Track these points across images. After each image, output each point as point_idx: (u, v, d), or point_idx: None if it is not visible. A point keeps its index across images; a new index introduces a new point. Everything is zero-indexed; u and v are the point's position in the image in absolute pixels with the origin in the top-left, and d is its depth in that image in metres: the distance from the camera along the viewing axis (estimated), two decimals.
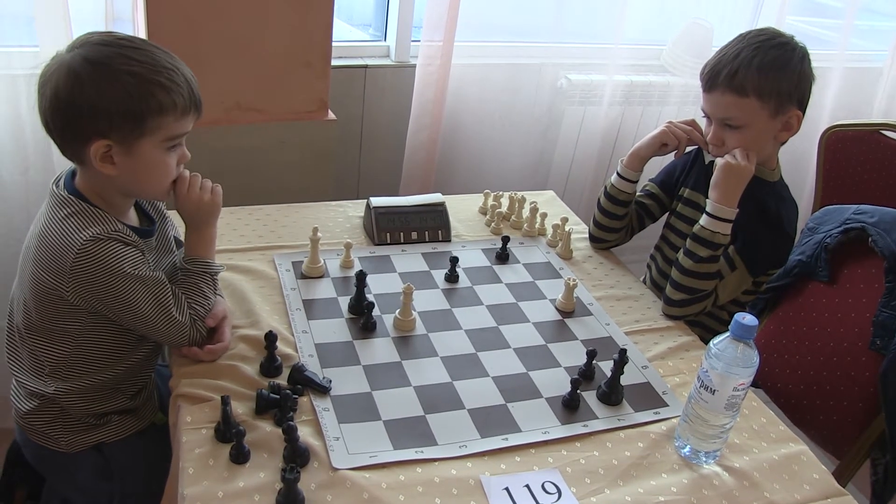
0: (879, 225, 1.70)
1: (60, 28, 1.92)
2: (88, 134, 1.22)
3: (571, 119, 2.77)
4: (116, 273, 1.26)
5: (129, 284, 1.27)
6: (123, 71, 1.21)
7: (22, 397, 1.41)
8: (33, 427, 1.40)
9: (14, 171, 2.10)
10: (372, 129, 2.61)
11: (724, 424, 1.27)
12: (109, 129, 1.22)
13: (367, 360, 1.44)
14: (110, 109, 1.21)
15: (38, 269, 1.29)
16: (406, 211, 1.83)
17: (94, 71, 1.20)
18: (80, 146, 1.24)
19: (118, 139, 1.23)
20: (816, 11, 3.19)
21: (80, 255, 1.23)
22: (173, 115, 1.25)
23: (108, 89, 1.20)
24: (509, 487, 1.21)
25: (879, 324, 1.63)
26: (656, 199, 1.90)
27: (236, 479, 1.16)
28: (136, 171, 1.28)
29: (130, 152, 1.25)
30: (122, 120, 1.22)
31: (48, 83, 1.22)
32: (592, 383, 1.45)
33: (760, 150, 1.66)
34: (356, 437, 1.26)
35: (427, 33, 2.43)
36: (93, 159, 1.24)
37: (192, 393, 1.30)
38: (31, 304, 1.33)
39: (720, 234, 1.60)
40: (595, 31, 2.79)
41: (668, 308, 1.68)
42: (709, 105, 1.67)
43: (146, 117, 1.23)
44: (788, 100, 1.62)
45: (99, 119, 1.21)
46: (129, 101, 1.21)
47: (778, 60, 1.60)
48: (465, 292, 1.68)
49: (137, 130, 1.23)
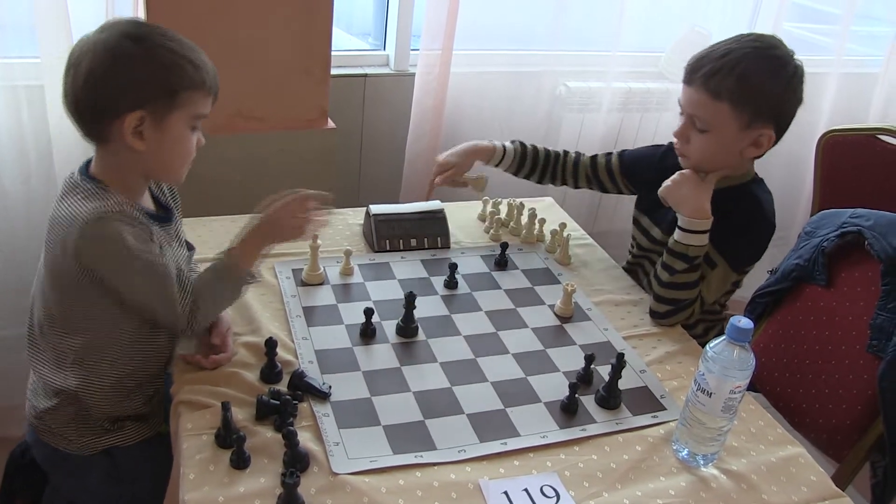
0: (876, 228, 1.70)
1: (61, 39, 1.94)
2: (122, 108, 1.26)
3: (570, 126, 2.79)
4: (119, 249, 1.26)
5: (132, 263, 1.28)
6: (158, 45, 1.28)
7: (41, 395, 1.42)
8: (48, 427, 1.41)
9: (16, 179, 2.11)
10: (372, 137, 2.62)
11: (722, 427, 1.28)
12: (144, 100, 1.27)
13: (367, 366, 1.45)
14: (147, 81, 1.27)
15: (50, 254, 1.32)
16: (405, 218, 1.84)
17: (133, 45, 1.26)
18: (110, 122, 1.28)
19: (151, 111, 1.28)
20: (813, 17, 3.20)
21: (85, 230, 1.25)
22: (202, 92, 1.32)
23: (147, 62, 1.27)
24: (508, 491, 1.22)
25: (877, 327, 1.63)
26: (612, 177, 1.92)
27: (237, 484, 1.17)
28: (163, 146, 1.32)
29: (161, 126, 1.30)
30: (158, 92, 1.28)
31: (81, 62, 1.26)
32: (591, 388, 1.46)
33: (722, 161, 1.63)
34: (356, 442, 1.27)
35: (426, 42, 2.45)
36: (125, 133, 1.27)
37: (193, 399, 1.31)
38: (49, 296, 1.35)
39: (694, 247, 1.59)
40: (593, 38, 2.81)
41: (656, 321, 1.68)
42: (684, 97, 1.63)
43: (179, 90, 1.29)
44: (763, 116, 1.57)
45: (136, 91, 1.27)
46: (165, 73, 1.27)
47: (764, 73, 1.55)
48: (464, 298, 1.69)
49: (170, 103, 1.29)
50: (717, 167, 1.64)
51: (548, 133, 2.78)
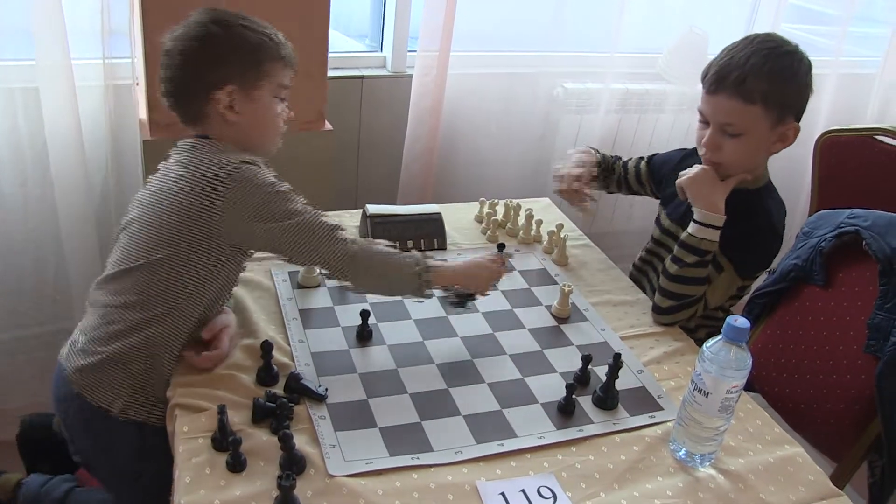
0: (873, 228, 1.70)
1: (57, 41, 1.94)
2: (215, 83, 1.39)
3: (568, 127, 2.79)
4: (269, 190, 1.37)
5: (284, 197, 1.39)
6: (241, 25, 1.42)
7: (97, 345, 1.39)
8: (95, 382, 1.38)
9: (13, 182, 2.11)
10: (369, 139, 2.62)
11: (719, 427, 1.28)
12: (233, 74, 1.40)
13: (363, 368, 1.45)
14: (235, 55, 1.40)
15: (183, 203, 1.36)
16: (402, 220, 1.83)
17: (219, 27, 1.40)
18: (207, 98, 1.40)
19: (241, 83, 1.40)
20: (811, 19, 3.21)
21: (233, 175, 1.35)
22: (281, 62, 1.45)
23: (232, 39, 1.40)
24: (505, 492, 1.21)
25: (874, 326, 1.63)
26: (641, 183, 1.97)
27: (233, 487, 1.16)
28: (255, 116, 1.44)
29: (251, 97, 1.42)
30: (245, 64, 1.41)
31: (174, 50, 1.40)
32: (588, 388, 1.45)
33: (753, 160, 1.66)
34: (352, 444, 1.27)
35: (423, 44, 2.45)
36: (219, 107, 1.40)
37: (189, 403, 1.31)
38: (155, 241, 1.37)
39: (707, 241, 1.61)
40: (591, 39, 2.81)
41: (658, 316, 1.68)
42: (710, 108, 1.64)
43: (263, 61, 1.42)
44: (790, 111, 1.61)
45: (225, 66, 1.40)
46: (250, 47, 1.41)
47: (787, 70, 1.59)
48: None
49: (256, 73, 1.42)
50: (750, 167, 1.67)
51: (545, 134, 2.78)
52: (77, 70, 2.01)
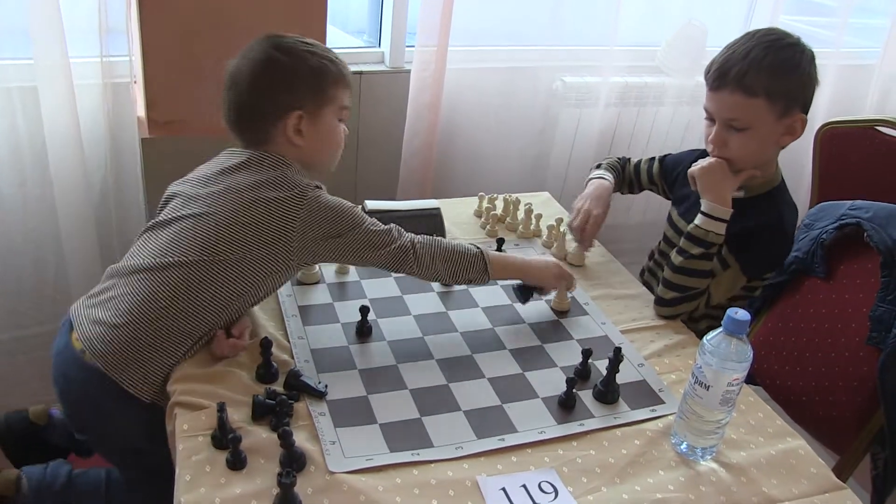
0: (875, 220, 1.69)
1: (54, 40, 1.93)
2: (284, 108, 1.45)
3: (567, 121, 2.78)
4: (338, 211, 1.44)
5: (348, 213, 1.45)
6: (304, 51, 1.47)
7: (121, 313, 1.39)
8: (123, 362, 1.37)
9: (13, 182, 2.11)
10: (368, 135, 2.61)
11: (720, 420, 1.27)
12: (301, 100, 1.45)
13: (363, 364, 1.45)
14: (301, 82, 1.46)
15: (258, 216, 1.40)
16: (401, 215, 1.82)
17: (283, 54, 1.45)
18: (274, 123, 1.46)
19: (308, 109, 1.46)
20: (810, 10, 3.19)
21: (308, 198, 1.41)
22: (344, 85, 1.51)
23: (298, 66, 1.45)
24: (506, 488, 1.21)
25: (876, 318, 1.63)
26: (651, 180, 1.98)
27: (233, 485, 1.16)
28: (319, 139, 1.50)
29: (316, 121, 1.48)
30: (311, 90, 1.46)
31: (241, 77, 1.46)
32: (588, 382, 1.45)
33: (762, 154, 1.66)
34: (352, 440, 1.26)
35: (421, 39, 2.44)
36: (287, 131, 1.46)
37: (189, 401, 1.30)
38: (224, 241, 1.39)
39: (713, 234, 1.61)
40: (589, 33, 2.79)
41: (660, 308, 1.68)
42: (714, 104, 1.64)
43: (327, 86, 1.48)
44: (795, 103, 1.60)
45: (293, 93, 1.45)
46: (314, 73, 1.46)
47: (789, 62, 1.58)
48: (460, 295, 1.68)
49: (321, 98, 1.48)
50: (758, 161, 1.66)
51: (544, 128, 2.77)
52: (75, 69, 2.00)
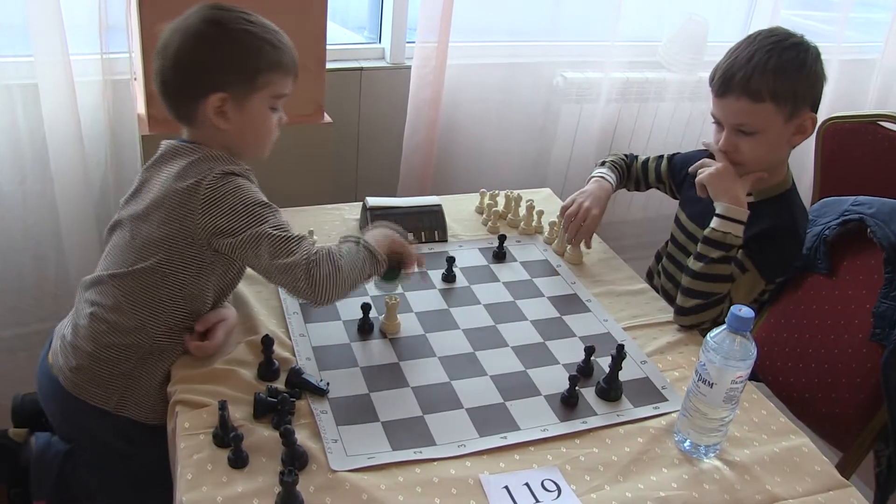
0: (878, 216, 1.69)
1: (54, 37, 1.93)
2: (207, 89, 1.33)
3: (568, 117, 2.77)
4: (247, 202, 1.32)
5: (256, 209, 1.32)
6: (239, 29, 1.34)
7: (89, 341, 1.37)
8: (84, 381, 1.37)
9: (13, 179, 2.10)
10: (368, 131, 2.61)
11: (724, 418, 1.27)
12: (226, 82, 1.34)
13: (365, 361, 1.44)
14: (229, 64, 1.34)
15: (168, 211, 1.33)
16: (402, 212, 1.82)
17: (214, 30, 1.33)
18: (197, 102, 1.35)
19: (233, 93, 1.34)
20: (811, 4, 3.19)
21: (211, 186, 1.31)
22: (280, 73, 1.38)
23: (227, 46, 1.34)
24: (509, 486, 1.21)
25: (880, 315, 1.62)
26: (659, 178, 1.96)
27: (235, 483, 1.16)
28: (246, 125, 1.38)
29: (243, 107, 1.36)
30: (239, 74, 1.34)
31: (169, 46, 1.34)
32: (591, 380, 1.45)
33: (774, 156, 1.65)
34: (354, 438, 1.26)
35: (422, 35, 2.43)
36: (209, 113, 1.34)
37: (190, 399, 1.30)
38: (144, 248, 1.35)
39: (731, 235, 1.57)
40: (590, 28, 2.79)
41: (682, 318, 1.63)
42: (721, 111, 1.63)
43: (260, 71, 1.35)
44: (803, 102, 1.59)
45: (218, 73, 1.33)
46: (245, 56, 1.34)
47: (793, 62, 1.56)
48: (462, 292, 1.67)
49: (251, 84, 1.35)
50: (771, 163, 1.65)
51: (545, 124, 2.77)
52: (75, 65, 2.00)
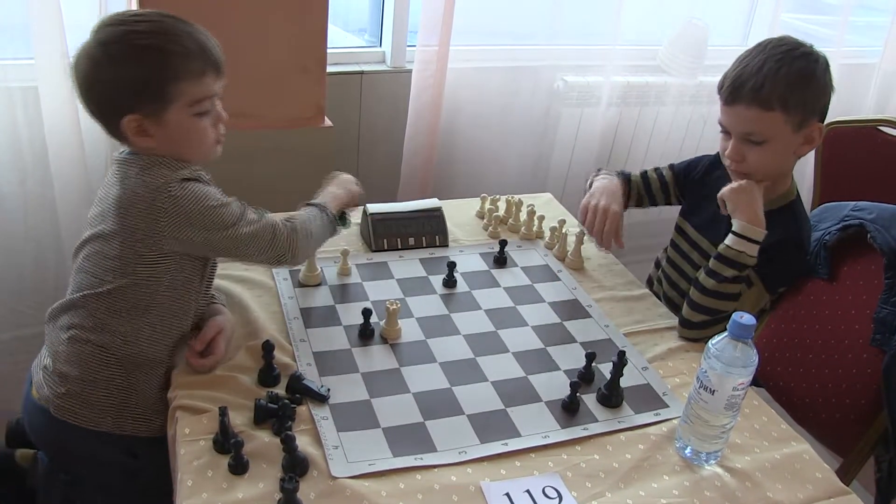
0: (878, 221, 1.69)
1: (55, 40, 1.93)
2: (118, 112, 1.27)
3: (569, 121, 2.77)
4: (207, 207, 1.31)
5: (221, 210, 1.32)
6: (135, 45, 1.25)
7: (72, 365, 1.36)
8: (75, 406, 1.37)
9: (13, 181, 2.11)
10: (369, 134, 2.61)
11: (725, 424, 1.27)
12: (134, 103, 1.27)
13: (366, 367, 1.44)
14: (129, 85, 1.26)
15: (129, 221, 1.31)
16: (403, 217, 1.82)
17: (107, 51, 1.25)
18: (116, 122, 1.29)
19: (145, 112, 1.28)
20: (811, 8, 3.19)
21: (172, 195, 1.28)
22: (190, 80, 1.29)
23: (124, 66, 1.25)
24: (510, 493, 1.21)
25: (880, 320, 1.62)
26: (664, 187, 1.92)
27: (235, 489, 1.16)
28: (173, 139, 1.32)
29: (161, 121, 1.29)
30: (143, 93, 1.27)
31: (76, 69, 1.28)
32: (592, 386, 1.45)
33: (780, 166, 1.64)
34: (355, 445, 1.26)
35: (422, 38, 2.43)
36: (128, 134, 1.29)
37: (190, 404, 1.30)
38: (109, 269, 1.34)
39: (746, 255, 1.55)
40: (591, 32, 2.79)
41: (687, 331, 1.62)
42: (730, 119, 1.61)
43: (165, 85, 1.27)
44: (812, 113, 1.58)
45: (122, 95, 1.27)
46: (145, 73, 1.26)
47: (804, 72, 1.55)
48: (463, 297, 1.67)
49: (161, 99, 1.28)
50: (777, 173, 1.65)
51: (546, 128, 2.77)
52: None
